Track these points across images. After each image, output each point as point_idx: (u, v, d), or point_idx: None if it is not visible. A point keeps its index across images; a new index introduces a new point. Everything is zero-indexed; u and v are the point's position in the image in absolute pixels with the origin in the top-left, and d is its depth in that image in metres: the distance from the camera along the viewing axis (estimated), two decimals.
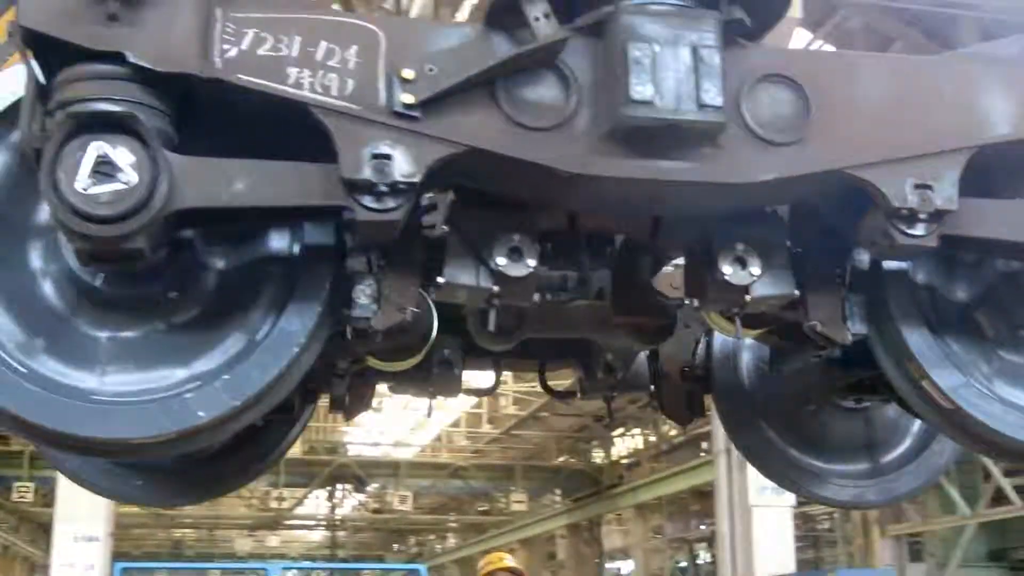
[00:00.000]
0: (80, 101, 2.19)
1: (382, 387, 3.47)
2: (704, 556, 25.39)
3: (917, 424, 3.45)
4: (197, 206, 2.23)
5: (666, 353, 3.44)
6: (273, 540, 38.21)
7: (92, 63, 2.20)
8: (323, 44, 2.28)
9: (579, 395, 3.54)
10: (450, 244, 2.48)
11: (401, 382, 3.32)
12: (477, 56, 2.29)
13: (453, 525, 36.39)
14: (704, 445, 21.55)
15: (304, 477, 27.59)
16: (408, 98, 2.24)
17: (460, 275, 2.47)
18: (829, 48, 13.20)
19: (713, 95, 2.25)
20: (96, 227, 2.15)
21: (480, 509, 33.52)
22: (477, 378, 3.58)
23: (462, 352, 3.21)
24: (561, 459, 28.41)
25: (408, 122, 2.25)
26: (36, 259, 2.46)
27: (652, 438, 25.66)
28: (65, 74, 2.22)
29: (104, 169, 2.15)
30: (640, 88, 2.23)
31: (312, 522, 35.15)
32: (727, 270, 2.48)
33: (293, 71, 2.26)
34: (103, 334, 2.43)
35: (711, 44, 2.28)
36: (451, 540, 38.97)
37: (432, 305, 2.66)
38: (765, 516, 14.62)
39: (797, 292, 2.55)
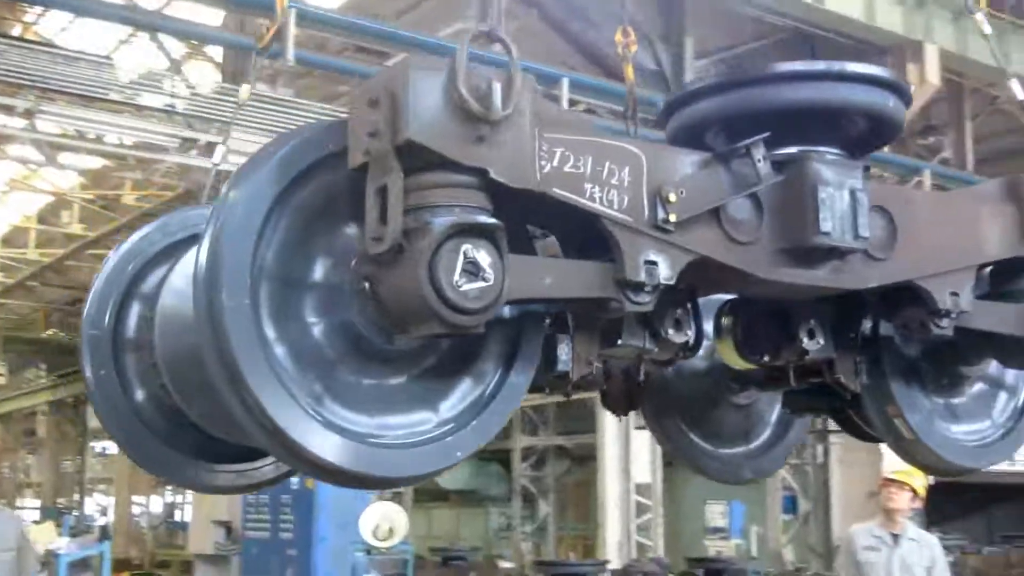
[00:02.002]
0: (454, 208, 2.65)
1: None
2: None
3: (777, 417, 4.58)
4: (520, 297, 2.79)
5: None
6: None
7: (459, 174, 2.67)
8: (607, 164, 2.88)
9: (545, 391, 4.30)
10: (627, 316, 3.18)
11: None
12: (713, 184, 3.02)
13: None
14: None
15: None
16: (673, 216, 2.93)
17: (633, 340, 3.20)
18: None
19: (863, 228, 3.15)
20: (463, 318, 2.64)
21: None
22: None
23: None
24: (49, 332, 27.53)
25: (666, 234, 2.94)
26: (319, 314, 2.85)
27: None
28: (424, 179, 2.66)
29: (470, 268, 2.65)
30: (826, 222, 3.08)
31: None
32: (805, 339, 3.44)
33: (588, 186, 2.85)
34: (370, 382, 2.90)
35: (860, 188, 3.18)
36: None
37: None
38: None
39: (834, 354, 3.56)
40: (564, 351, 3.12)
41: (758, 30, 20.13)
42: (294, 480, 13.00)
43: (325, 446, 2.73)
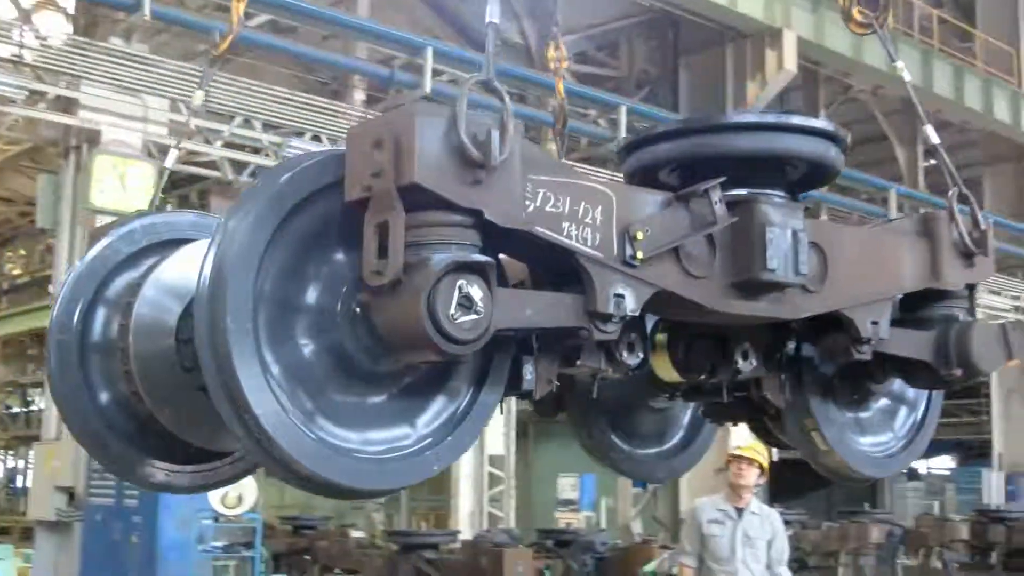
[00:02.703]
0: (451, 245, 2.88)
1: None
2: (38, 402, 25.48)
3: (689, 420, 4.93)
4: (504, 327, 3.03)
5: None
6: None
7: (456, 214, 2.89)
8: (582, 203, 3.13)
9: None
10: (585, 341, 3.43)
11: None
12: (675, 223, 3.30)
13: None
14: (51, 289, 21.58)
15: None
16: (640, 253, 3.20)
17: (591, 361, 3.47)
18: None
19: (803, 266, 3.48)
20: (457, 348, 2.88)
21: None
22: None
23: None
24: None
25: (633, 269, 3.21)
26: (311, 337, 3.05)
27: None
28: (423, 218, 2.88)
29: (464, 302, 2.88)
30: (772, 260, 3.40)
31: None
32: (740, 361, 3.76)
33: (566, 224, 3.10)
34: (356, 400, 3.11)
35: (801, 228, 3.50)
36: None
37: None
38: None
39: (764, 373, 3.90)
40: (528, 371, 3.37)
41: (624, 9, 20.61)
42: None
43: (317, 461, 2.94)
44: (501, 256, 3.28)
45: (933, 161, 25.14)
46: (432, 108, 2.90)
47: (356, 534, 17.34)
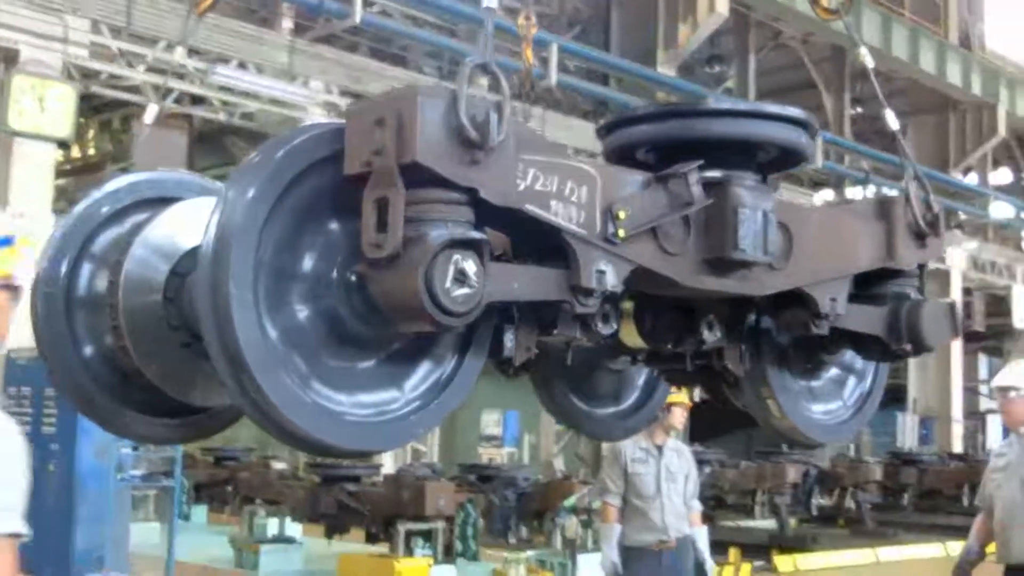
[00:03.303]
0: (447, 222, 3.02)
1: None
2: None
3: (644, 380, 5.12)
4: (494, 300, 3.17)
5: None
6: None
7: (453, 192, 3.03)
8: (569, 183, 3.28)
9: None
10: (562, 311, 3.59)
11: None
12: (655, 203, 3.46)
13: None
14: None
15: None
16: (621, 232, 3.35)
17: (567, 331, 3.64)
18: None
19: (772, 245, 3.66)
20: (451, 319, 3.03)
21: None
22: None
23: None
24: None
25: (614, 247, 3.37)
26: (306, 303, 3.18)
27: None
28: (421, 194, 3.01)
29: (459, 276, 3.03)
30: (744, 240, 3.57)
31: None
32: (705, 332, 3.96)
33: (553, 203, 3.25)
34: (348, 364, 3.25)
35: (770, 210, 3.68)
36: None
37: None
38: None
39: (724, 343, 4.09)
40: (509, 339, 3.51)
41: None
42: None
43: (310, 422, 3.10)
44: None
45: (860, 109, 25.75)
46: (433, 90, 3.01)
47: (278, 466, 17.47)
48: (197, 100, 16.53)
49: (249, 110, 16.61)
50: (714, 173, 3.63)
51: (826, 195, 24.71)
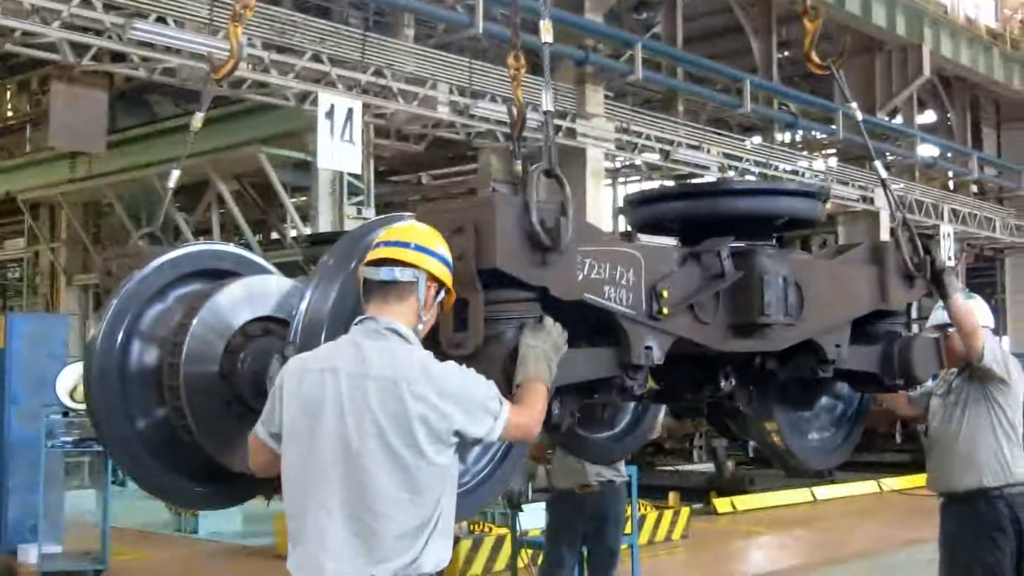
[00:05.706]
0: (523, 318, 3.45)
1: None
2: None
3: (632, 409, 5.58)
4: (560, 384, 3.59)
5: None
6: None
7: (525, 291, 3.46)
8: (619, 268, 3.72)
9: None
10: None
11: None
12: (692, 279, 3.91)
13: None
14: None
15: None
16: (666, 310, 3.81)
17: (607, 395, 4.07)
18: None
19: (791, 308, 4.14)
20: None
21: None
22: None
23: None
24: None
25: (658, 323, 3.82)
26: None
27: None
28: (496, 295, 3.43)
29: None
30: (769, 305, 4.04)
31: None
32: (722, 381, 4.44)
33: (607, 288, 3.68)
34: None
35: (788, 275, 4.16)
36: None
37: None
38: None
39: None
40: (556, 407, 3.93)
41: None
42: None
43: None
44: None
45: (788, 53, 26.28)
46: (506, 198, 3.42)
47: None
48: (117, 57, 16.44)
49: (171, 66, 16.56)
50: (738, 244, 4.09)
51: (755, 140, 25.25)
